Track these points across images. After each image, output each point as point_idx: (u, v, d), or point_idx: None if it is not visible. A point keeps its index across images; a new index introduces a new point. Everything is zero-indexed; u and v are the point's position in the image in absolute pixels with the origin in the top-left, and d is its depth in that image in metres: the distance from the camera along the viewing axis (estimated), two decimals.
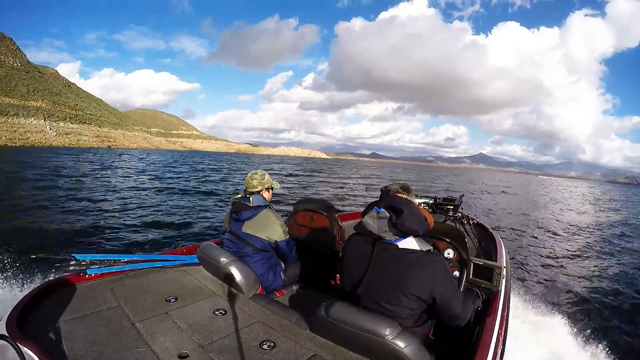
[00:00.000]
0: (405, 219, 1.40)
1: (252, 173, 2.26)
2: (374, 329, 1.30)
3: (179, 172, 24.04)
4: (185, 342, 1.45)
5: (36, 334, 1.36)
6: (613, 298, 5.27)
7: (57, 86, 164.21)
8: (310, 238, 2.85)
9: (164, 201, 10.69)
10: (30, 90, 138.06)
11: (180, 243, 5.70)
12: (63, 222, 7.01)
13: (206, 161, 45.23)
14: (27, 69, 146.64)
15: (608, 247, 9.27)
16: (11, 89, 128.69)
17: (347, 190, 18.46)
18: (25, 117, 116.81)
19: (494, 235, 3.05)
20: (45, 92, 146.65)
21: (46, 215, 7.64)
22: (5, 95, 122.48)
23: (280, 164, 43.96)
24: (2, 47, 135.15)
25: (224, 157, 75.96)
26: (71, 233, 6.15)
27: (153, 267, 2.21)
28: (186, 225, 7.48)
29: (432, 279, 1.37)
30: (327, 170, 38.89)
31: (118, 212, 8.51)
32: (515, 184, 48.07)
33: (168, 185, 15.36)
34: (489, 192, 25.85)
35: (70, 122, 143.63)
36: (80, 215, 7.73)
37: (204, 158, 57.35)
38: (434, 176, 49.22)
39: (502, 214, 14.22)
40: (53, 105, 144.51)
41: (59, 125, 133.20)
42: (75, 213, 7.99)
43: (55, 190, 11.51)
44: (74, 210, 8.35)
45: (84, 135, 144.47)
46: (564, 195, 33.46)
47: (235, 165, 39.05)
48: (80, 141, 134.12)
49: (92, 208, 8.75)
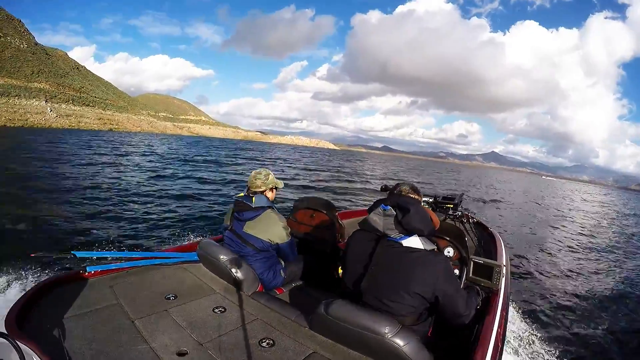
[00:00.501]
0: (412, 218, 1.42)
1: (256, 172, 2.22)
2: (373, 327, 1.31)
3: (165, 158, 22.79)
4: (184, 340, 1.46)
5: (36, 332, 1.38)
6: (613, 298, 5.22)
7: (64, 68, 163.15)
8: (310, 236, 2.83)
9: (158, 195, 10.15)
10: (35, 72, 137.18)
11: (180, 240, 5.60)
12: (62, 218, 6.77)
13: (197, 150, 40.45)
14: (33, 50, 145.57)
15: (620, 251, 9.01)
16: (15, 70, 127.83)
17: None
18: (27, 98, 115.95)
19: (494, 233, 3.13)
20: (50, 74, 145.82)
21: (43, 210, 7.32)
22: (9, 76, 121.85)
23: (282, 156, 40.06)
24: (9, 28, 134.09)
25: (225, 144, 74.35)
26: (70, 231, 6.01)
27: (152, 264, 2.21)
28: (186, 221, 7.31)
29: (435, 277, 1.37)
30: (328, 165, 32.57)
31: (118, 210, 8.11)
32: (525, 185, 46.06)
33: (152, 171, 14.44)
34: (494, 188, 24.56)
35: (72, 104, 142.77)
36: (80, 213, 7.44)
37: (199, 145, 53.85)
38: (443, 170, 48.11)
39: (508, 213, 13.95)
40: (57, 87, 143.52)
41: (60, 107, 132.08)
42: (73, 209, 7.67)
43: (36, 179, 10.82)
44: (72, 205, 8.01)
45: (86, 117, 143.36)
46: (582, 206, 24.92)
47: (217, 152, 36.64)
48: (81, 123, 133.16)
49: (90, 205, 8.35)
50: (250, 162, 25.90)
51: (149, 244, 5.58)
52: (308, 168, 25.64)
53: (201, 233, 6.36)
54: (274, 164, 25.79)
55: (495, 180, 32.89)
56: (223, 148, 49.17)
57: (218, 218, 7.59)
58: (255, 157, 32.66)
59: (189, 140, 76.75)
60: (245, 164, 23.56)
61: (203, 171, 16.87)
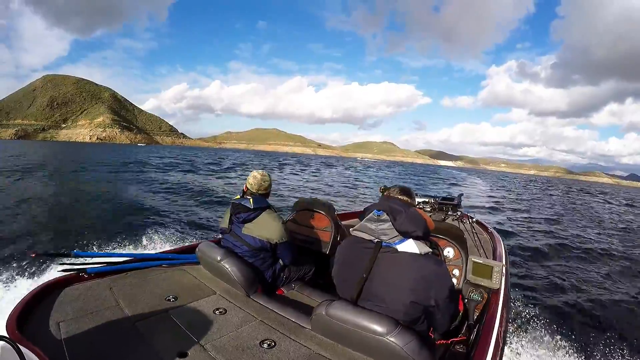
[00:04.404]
0: (405, 221, 1.40)
1: (258, 174, 2.23)
2: (373, 327, 1.31)
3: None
4: (185, 341, 1.46)
5: (36, 334, 1.37)
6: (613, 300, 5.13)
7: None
8: (310, 237, 2.83)
9: (165, 199, 10.57)
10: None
11: (180, 242, 5.64)
12: (62, 220, 6.91)
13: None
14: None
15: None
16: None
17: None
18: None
19: (494, 233, 3.17)
20: None
21: (45, 212, 7.47)
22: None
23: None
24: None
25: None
26: (70, 232, 6.04)
27: (152, 266, 2.21)
28: (186, 223, 7.36)
29: (430, 282, 1.37)
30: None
31: (118, 209, 8.38)
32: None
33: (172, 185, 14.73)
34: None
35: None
36: (79, 214, 7.63)
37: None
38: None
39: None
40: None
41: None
42: (74, 210, 7.88)
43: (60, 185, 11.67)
44: (74, 207, 8.27)
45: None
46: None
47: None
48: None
49: (94, 206, 8.66)
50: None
51: (149, 246, 5.57)
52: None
53: (201, 235, 6.40)
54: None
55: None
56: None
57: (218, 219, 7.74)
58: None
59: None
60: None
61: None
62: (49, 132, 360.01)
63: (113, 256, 2.23)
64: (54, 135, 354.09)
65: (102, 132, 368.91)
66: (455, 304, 1.50)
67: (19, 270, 3.61)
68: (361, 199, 14.06)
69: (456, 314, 1.64)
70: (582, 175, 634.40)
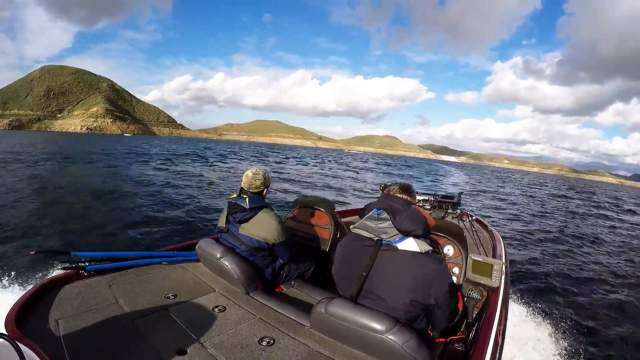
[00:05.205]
0: (405, 219, 1.40)
1: (254, 172, 2.18)
2: (372, 325, 1.31)
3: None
4: (184, 339, 1.46)
5: (35, 331, 1.38)
6: (618, 297, 5.15)
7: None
8: (309, 234, 2.83)
9: (165, 195, 10.38)
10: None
11: (179, 239, 5.51)
12: (60, 218, 6.83)
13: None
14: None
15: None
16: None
17: None
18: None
19: (493, 232, 3.20)
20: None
21: (43, 211, 7.39)
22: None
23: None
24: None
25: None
26: (69, 230, 6.02)
27: (152, 263, 2.21)
28: (185, 221, 7.29)
29: (430, 281, 1.37)
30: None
31: (118, 208, 8.25)
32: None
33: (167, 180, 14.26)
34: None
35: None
36: (79, 212, 7.52)
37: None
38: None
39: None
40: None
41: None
42: (75, 209, 7.76)
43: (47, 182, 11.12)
44: (73, 206, 8.10)
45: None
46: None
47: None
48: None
49: (91, 204, 8.52)
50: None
51: (148, 244, 5.60)
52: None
53: (201, 233, 6.39)
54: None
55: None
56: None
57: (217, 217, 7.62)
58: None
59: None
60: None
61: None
62: (44, 123, 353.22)
63: (112, 254, 2.24)
64: (49, 126, 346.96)
65: (94, 122, 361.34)
66: (455, 302, 1.51)
67: (18, 268, 3.62)
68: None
69: (456, 312, 1.66)
70: (586, 174, 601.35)
